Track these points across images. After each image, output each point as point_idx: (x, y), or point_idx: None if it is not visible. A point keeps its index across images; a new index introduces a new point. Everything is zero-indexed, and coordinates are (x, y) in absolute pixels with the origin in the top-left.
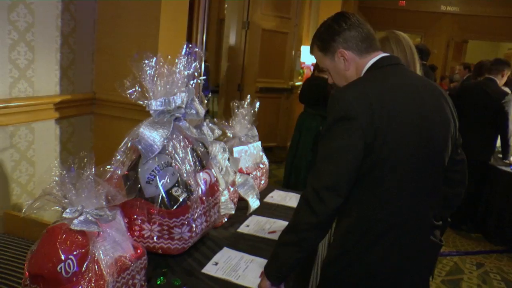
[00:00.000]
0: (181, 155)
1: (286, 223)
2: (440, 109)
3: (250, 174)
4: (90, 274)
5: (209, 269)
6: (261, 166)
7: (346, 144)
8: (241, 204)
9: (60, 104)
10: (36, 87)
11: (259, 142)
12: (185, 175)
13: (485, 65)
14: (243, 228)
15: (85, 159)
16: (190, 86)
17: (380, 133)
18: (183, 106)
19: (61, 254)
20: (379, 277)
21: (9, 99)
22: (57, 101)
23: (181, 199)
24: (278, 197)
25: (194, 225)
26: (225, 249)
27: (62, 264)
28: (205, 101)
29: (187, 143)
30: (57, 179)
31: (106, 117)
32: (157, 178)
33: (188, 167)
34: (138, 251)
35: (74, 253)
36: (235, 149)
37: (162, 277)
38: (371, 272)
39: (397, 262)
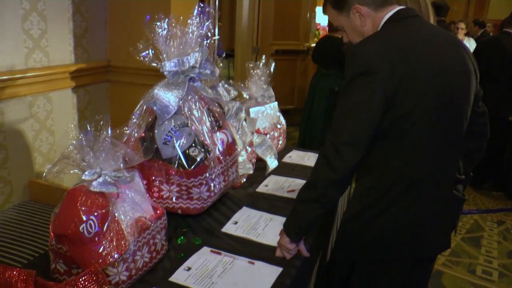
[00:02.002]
0: (197, 116)
1: (304, 182)
2: (461, 60)
3: (268, 135)
4: (111, 234)
5: (229, 228)
6: (279, 126)
7: (366, 99)
8: (260, 165)
9: (75, 73)
10: (51, 57)
11: (276, 102)
12: (201, 135)
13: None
14: (262, 188)
15: (101, 122)
16: (204, 46)
17: (401, 87)
18: (197, 66)
19: (82, 215)
20: (401, 232)
21: (26, 69)
22: (72, 70)
23: (198, 159)
24: (297, 157)
25: (212, 185)
26: (244, 208)
27: (84, 225)
28: (220, 64)
29: (202, 103)
30: (74, 142)
31: (121, 84)
32: (174, 139)
33: (204, 127)
34: (158, 211)
35: (95, 213)
36: (251, 110)
37: (182, 237)
38: (393, 227)
39: (420, 217)
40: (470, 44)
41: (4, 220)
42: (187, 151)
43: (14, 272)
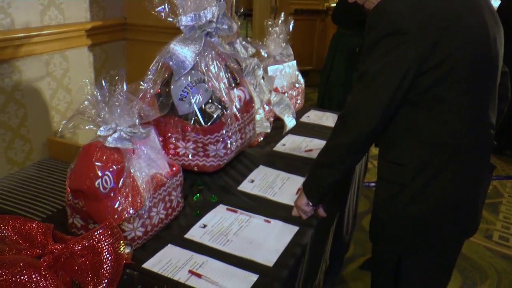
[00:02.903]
0: (214, 72)
1: (322, 142)
2: (494, 17)
3: (286, 94)
4: (127, 190)
5: (245, 186)
6: (297, 85)
7: (395, 61)
8: (277, 124)
9: (91, 31)
10: (67, 14)
11: (294, 61)
12: (218, 92)
13: None
14: (279, 147)
15: (117, 77)
16: (221, 0)
17: (437, 47)
18: (214, 20)
19: (97, 170)
20: (446, 210)
21: (41, 27)
22: (88, 28)
23: (215, 116)
24: (315, 117)
25: (229, 142)
26: (261, 167)
27: (99, 180)
28: (238, 23)
29: (220, 59)
30: (89, 97)
31: (138, 42)
32: (190, 95)
33: (221, 84)
34: (174, 168)
35: (110, 169)
36: (269, 68)
37: (198, 194)
38: (436, 205)
39: (465, 189)
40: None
41: (24, 176)
42: (204, 108)
43: (34, 225)
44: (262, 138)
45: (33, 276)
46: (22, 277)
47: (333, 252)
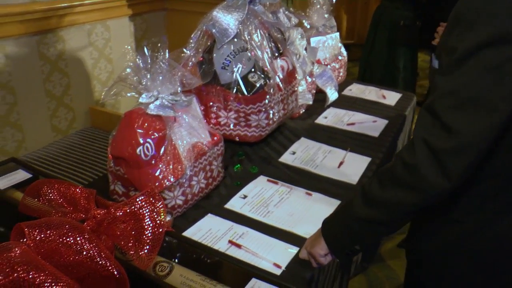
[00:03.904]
0: (257, 41)
1: (364, 116)
2: None
3: (328, 66)
4: (168, 158)
5: (286, 158)
6: (340, 58)
7: (502, 84)
8: (319, 96)
9: (132, 1)
10: None
11: (337, 33)
12: (261, 61)
13: None
14: (321, 120)
15: (159, 44)
16: None
17: None
18: None
19: (139, 137)
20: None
21: None
22: None
23: (257, 85)
24: (357, 90)
25: (271, 112)
26: (302, 139)
27: (140, 147)
28: None
29: (263, 28)
30: (131, 64)
31: (179, 12)
32: (233, 64)
33: (264, 53)
34: (215, 138)
35: (152, 137)
36: (312, 39)
37: (239, 165)
38: (493, 246)
39: None
40: None
41: (68, 144)
42: (246, 77)
43: (78, 190)
44: (303, 110)
45: (78, 238)
46: (68, 239)
47: None
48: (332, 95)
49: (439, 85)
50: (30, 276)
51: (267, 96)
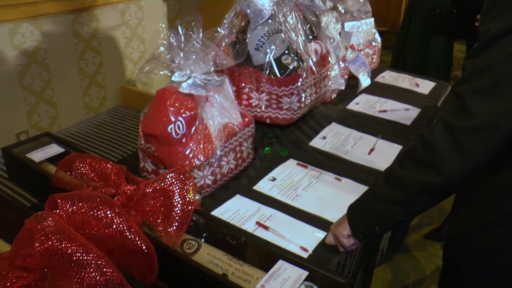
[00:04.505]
0: (291, 23)
1: (397, 103)
2: None
3: (362, 51)
4: (198, 137)
5: (316, 142)
6: (373, 44)
7: None
8: (351, 82)
9: None
10: None
11: (372, 18)
12: (295, 43)
13: None
14: (352, 106)
15: (193, 23)
16: None
17: None
18: None
19: (170, 115)
20: None
21: None
22: None
23: (291, 67)
24: (390, 77)
25: (303, 96)
26: (333, 124)
27: (172, 125)
28: None
29: (297, 10)
30: (165, 43)
31: None
32: (266, 45)
33: (298, 35)
34: (246, 119)
35: (183, 115)
36: (346, 24)
37: (269, 147)
38: None
39: None
40: None
41: (99, 122)
42: (280, 59)
43: (108, 165)
44: (335, 95)
45: (108, 212)
46: (98, 212)
47: None
48: (364, 81)
49: (465, 67)
50: (63, 245)
51: (300, 79)
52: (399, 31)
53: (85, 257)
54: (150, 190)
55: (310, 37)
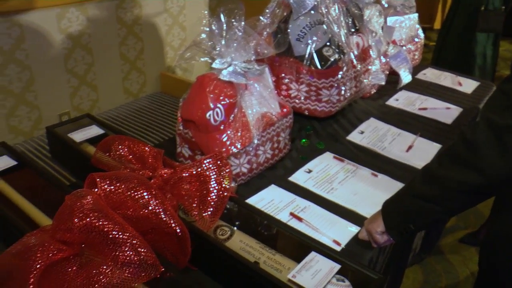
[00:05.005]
0: (333, 15)
1: (438, 101)
2: None
3: (404, 47)
4: (236, 125)
5: (354, 136)
6: (416, 40)
7: None
8: (391, 78)
9: None
10: None
11: (416, 14)
12: (337, 35)
13: None
14: (392, 102)
15: (235, 10)
16: None
17: None
18: None
19: (209, 102)
20: None
21: None
22: None
23: (331, 60)
24: (432, 75)
25: (343, 89)
26: (372, 119)
27: (210, 112)
28: None
29: (340, 3)
30: (207, 29)
31: None
32: (308, 36)
33: (341, 28)
34: (285, 109)
35: (222, 102)
36: (389, 19)
37: (306, 139)
38: None
39: None
40: None
41: (138, 107)
42: (321, 50)
43: (146, 148)
44: (375, 91)
45: (145, 194)
46: (135, 193)
47: None
48: (405, 77)
49: None
50: (100, 223)
51: (340, 72)
52: (441, 28)
53: (121, 236)
54: (187, 174)
55: (352, 30)
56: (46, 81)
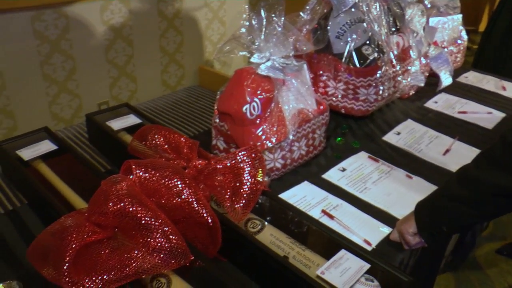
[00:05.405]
0: (374, 14)
1: (478, 105)
2: None
3: (445, 49)
4: (272, 120)
5: (390, 137)
6: (459, 42)
7: None
8: (431, 80)
9: None
10: None
11: (460, 15)
12: (377, 34)
13: None
14: (430, 104)
15: (276, 6)
16: None
17: None
18: None
19: (246, 95)
20: None
21: None
22: None
23: (370, 58)
24: (474, 78)
25: (381, 88)
26: (409, 120)
27: (247, 106)
28: None
29: (382, 1)
30: (247, 24)
31: None
32: (347, 34)
33: (381, 26)
34: (321, 107)
35: (259, 96)
36: (431, 19)
37: (341, 137)
38: None
39: None
40: None
41: (175, 99)
42: (360, 49)
43: (182, 139)
44: (413, 92)
45: (179, 183)
46: (169, 182)
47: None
48: (445, 80)
49: None
50: (133, 209)
51: (379, 71)
52: (484, 29)
53: (153, 222)
54: (221, 166)
55: (393, 29)
56: (87, 71)
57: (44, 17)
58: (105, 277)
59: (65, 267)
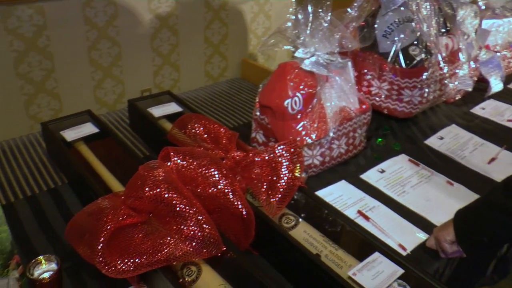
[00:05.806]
0: (424, 13)
1: None
2: None
3: (498, 53)
4: (313, 116)
5: (432, 141)
6: None
7: None
8: (479, 85)
9: None
10: None
11: None
12: (425, 35)
13: None
14: (477, 110)
15: (323, 1)
16: None
17: None
18: None
19: (289, 90)
20: None
21: None
22: None
23: (417, 59)
24: None
25: (426, 91)
26: (453, 125)
27: (289, 100)
28: None
29: (433, 0)
30: (292, 18)
31: None
32: (395, 33)
33: (430, 27)
34: (364, 106)
35: (302, 92)
36: (484, 22)
37: (382, 138)
38: None
39: None
40: None
41: (217, 90)
42: (407, 49)
43: (222, 130)
44: (460, 96)
45: (216, 173)
46: (206, 171)
47: None
48: (496, 85)
49: None
50: (169, 195)
51: (425, 73)
52: None
53: (188, 210)
54: (258, 159)
55: (443, 30)
56: (132, 58)
57: (94, 4)
58: (137, 260)
59: (99, 247)
